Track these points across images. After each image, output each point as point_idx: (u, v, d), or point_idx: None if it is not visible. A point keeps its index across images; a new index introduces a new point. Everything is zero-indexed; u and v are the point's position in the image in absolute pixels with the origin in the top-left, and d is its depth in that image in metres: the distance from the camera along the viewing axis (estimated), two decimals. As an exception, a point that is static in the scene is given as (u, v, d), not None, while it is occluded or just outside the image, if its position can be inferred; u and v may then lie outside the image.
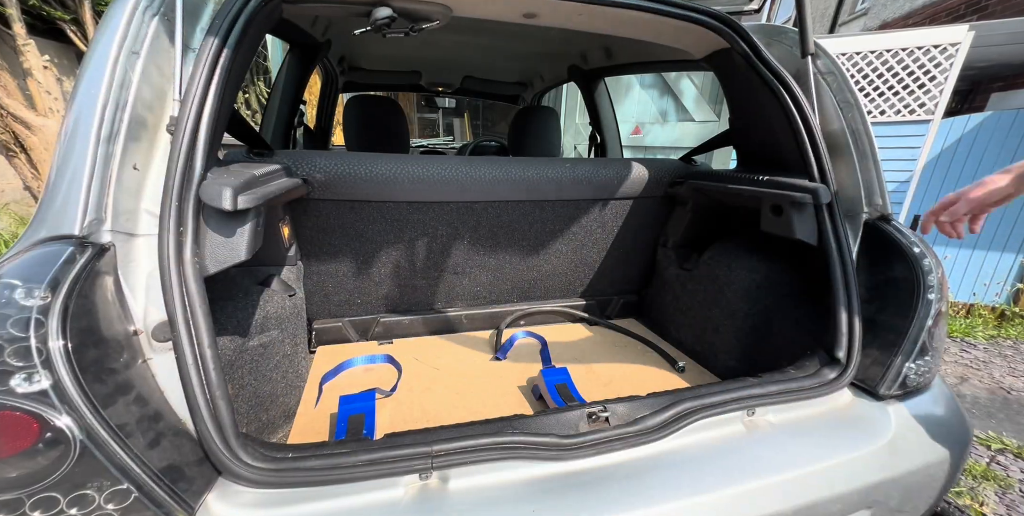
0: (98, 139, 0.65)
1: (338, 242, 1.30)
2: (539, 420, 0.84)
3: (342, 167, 1.18)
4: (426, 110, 10.77)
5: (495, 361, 1.42)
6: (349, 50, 2.22)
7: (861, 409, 0.94)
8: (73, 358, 0.54)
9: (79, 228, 0.63)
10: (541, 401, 1.18)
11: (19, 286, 0.55)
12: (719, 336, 1.35)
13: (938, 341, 0.94)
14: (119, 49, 0.68)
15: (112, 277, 0.64)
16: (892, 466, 0.84)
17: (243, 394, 0.93)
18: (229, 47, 0.74)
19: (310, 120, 2.61)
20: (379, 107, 1.77)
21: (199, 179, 0.70)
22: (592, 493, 0.72)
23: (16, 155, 4.12)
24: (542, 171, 1.36)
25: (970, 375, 2.70)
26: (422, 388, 1.25)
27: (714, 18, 1.10)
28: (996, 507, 1.66)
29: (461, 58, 2.35)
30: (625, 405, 0.88)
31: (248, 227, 0.76)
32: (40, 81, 4.03)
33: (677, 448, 0.82)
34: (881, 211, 1.02)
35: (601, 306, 1.76)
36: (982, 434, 2.08)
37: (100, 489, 0.56)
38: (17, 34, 3.88)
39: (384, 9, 0.97)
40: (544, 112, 2.03)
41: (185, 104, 0.70)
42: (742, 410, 0.88)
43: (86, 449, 0.55)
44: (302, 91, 1.86)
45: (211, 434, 0.66)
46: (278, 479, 0.68)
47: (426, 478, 0.73)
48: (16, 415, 0.52)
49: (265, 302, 1.05)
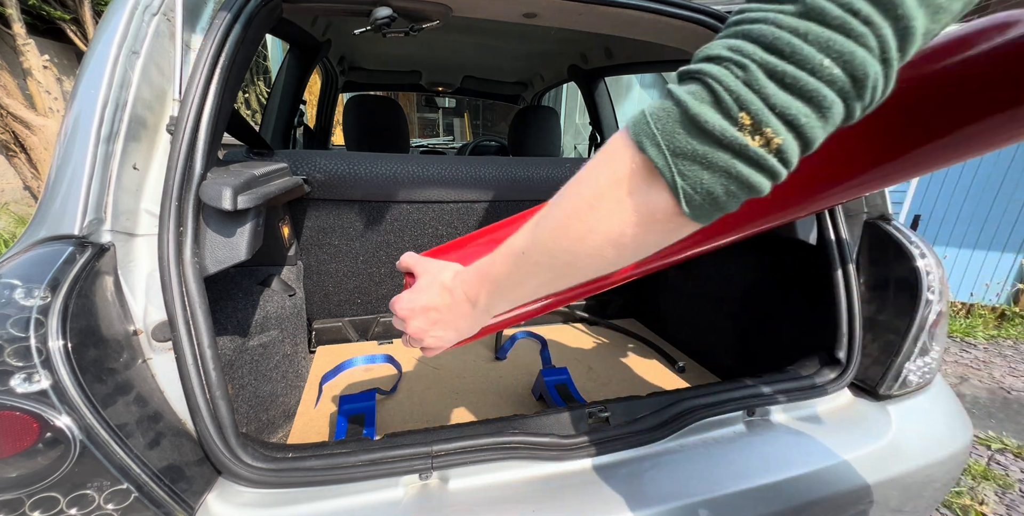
0: (98, 139, 0.65)
1: (338, 242, 1.30)
2: (539, 420, 0.84)
3: (342, 167, 1.18)
4: (426, 110, 10.77)
5: (495, 361, 1.42)
6: (349, 50, 2.22)
7: (861, 409, 0.94)
8: (73, 358, 0.54)
9: (79, 228, 0.63)
10: (541, 401, 1.18)
11: (19, 286, 0.55)
12: (719, 336, 1.35)
13: (938, 341, 0.94)
14: (119, 49, 0.68)
15: (112, 277, 0.64)
16: (892, 466, 0.84)
17: (243, 394, 0.93)
18: (229, 47, 0.74)
19: (310, 120, 2.61)
20: (379, 107, 1.77)
21: (199, 179, 0.70)
22: (592, 493, 0.72)
23: (16, 155, 4.12)
24: (542, 171, 1.36)
25: (970, 375, 2.70)
26: (422, 388, 1.25)
27: (715, 18, 1.10)
28: (996, 507, 1.66)
29: (461, 58, 2.35)
30: (625, 405, 0.88)
31: (248, 227, 0.76)
32: (40, 81, 4.03)
33: (677, 448, 0.82)
34: (881, 211, 1.02)
35: (601, 306, 1.76)
36: (982, 434, 2.08)
37: (100, 489, 0.56)
38: (17, 34, 3.89)
39: (384, 9, 0.97)
40: (544, 112, 2.03)
41: (185, 104, 0.70)
42: (742, 410, 0.88)
43: (86, 449, 0.55)
44: (302, 91, 1.86)
45: (211, 434, 0.65)
46: (278, 479, 0.68)
47: (426, 478, 0.73)
48: (16, 415, 0.52)
49: (265, 302, 1.05)
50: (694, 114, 0.28)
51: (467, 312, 0.52)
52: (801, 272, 1.21)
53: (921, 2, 0.25)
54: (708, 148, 0.28)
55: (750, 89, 0.27)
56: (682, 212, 0.31)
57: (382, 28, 0.99)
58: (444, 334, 0.54)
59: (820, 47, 0.25)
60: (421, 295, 0.54)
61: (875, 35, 0.25)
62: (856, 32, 0.25)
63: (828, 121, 0.27)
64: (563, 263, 0.40)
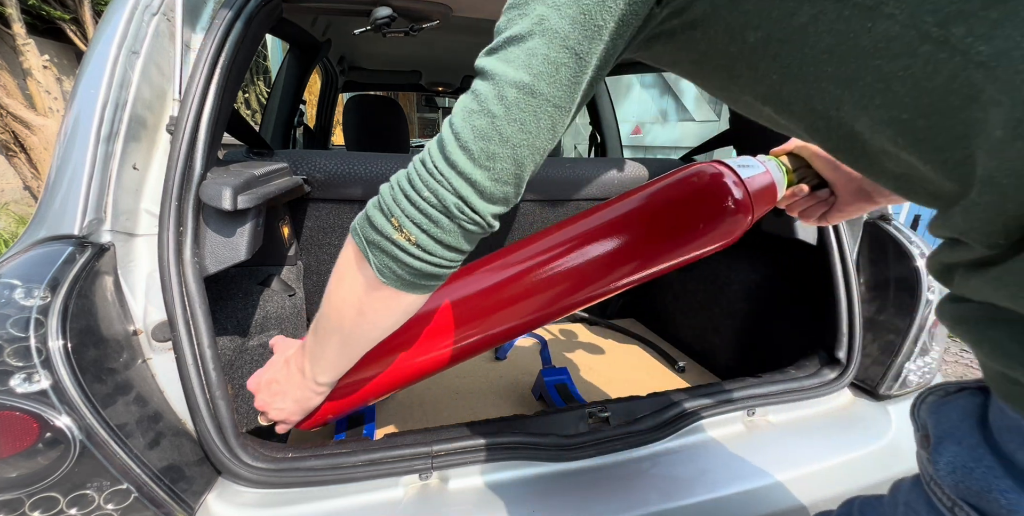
0: (98, 139, 0.65)
1: (338, 242, 1.30)
2: (539, 420, 0.84)
3: (342, 167, 1.18)
4: (426, 110, 10.77)
5: (495, 361, 1.42)
6: (349, 50, 2.22)
7: (861, 409, 0.94)
8: (73, 358, 0.54)
9: (79, 228, 0.63)
10: (541, 401, 1.18)
11: (19, 286, 0.55)
12: (719, 336, 1.35)
13: (939, 341, 0.94)
14: (119, 48, 0.68)
15: (112, 277, 0.64)
16: (892, 466, 0.84)
17: (243, 394, 0.93)
18: (229, 46, 0.74)
19: (310, 120, 2.61)
20: (379, 107, 1.77)
21: (199, 179, 0.70)
22: (592, 493, 0.72)
23: (16, 155, 4.12)
24: (542, 171, 1.36)
25: (970, 375, 2.70)
26: (422, 388, 1.25)
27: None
28: (996, 507, 1.66)
29: (461, 58, 2.35)
30: (625, 405, 0.88)
31: (248, 227, 0.76)
32: (40, 81, 4.03)
33: (677, 448, 0.82)
34: (881, 211, 1.02)
35: (601, 306, 1.76)
36: (982, 434, 2.08)
37: (100, 489, 0.56)
38: (17, 34, 3.88)
39: (384, 8, 0.97)
40: None
41: (185, 104, 0.70)
42: (742, 410, 0.88)
43: (86, 449, 0.55)
44: (302, 91, 1.86)
45: (211, 434, 0.65)
46: (278, 479, 0.68)
47: (426, 478, 0.73)
48: (16, 415, 0.52)
49: (265, 302, 1.05)
50: (370, 215, 0.43)
51: (299, 382, 0.60)
52: (801, 272, 1.21)
53: (476, 165, 0.38)
54: (379, 238, 0.42)
55: (395, 203, 0.41)
56: (384, 284, 0.44)
57: (382, 28, 0.99)
58: (284, 405, 0.61)
59: (425, 183, 0.40)
60: (268, 370, 0.63)
61: (448, 181, 0.39)
62: (436, 178, 0.39)
63: (443, 229, 0.40)
64: (335, 327, 0.52)
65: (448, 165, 0.39)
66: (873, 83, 0.29)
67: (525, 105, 0.37)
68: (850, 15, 0.29)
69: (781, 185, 0.72)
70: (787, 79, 0.34)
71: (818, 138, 0.38)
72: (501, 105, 0.37)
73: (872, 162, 0.36)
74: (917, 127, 0.29)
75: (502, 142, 0.38)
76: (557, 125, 0.39)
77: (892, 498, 0.39)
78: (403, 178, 0.41)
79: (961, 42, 0.25)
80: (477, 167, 0.38)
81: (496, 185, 0.39)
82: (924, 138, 0.29)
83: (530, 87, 0.36)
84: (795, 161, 0.75)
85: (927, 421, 0.37)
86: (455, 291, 0.67)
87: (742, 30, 0.34)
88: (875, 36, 0.28)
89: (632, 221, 0.70)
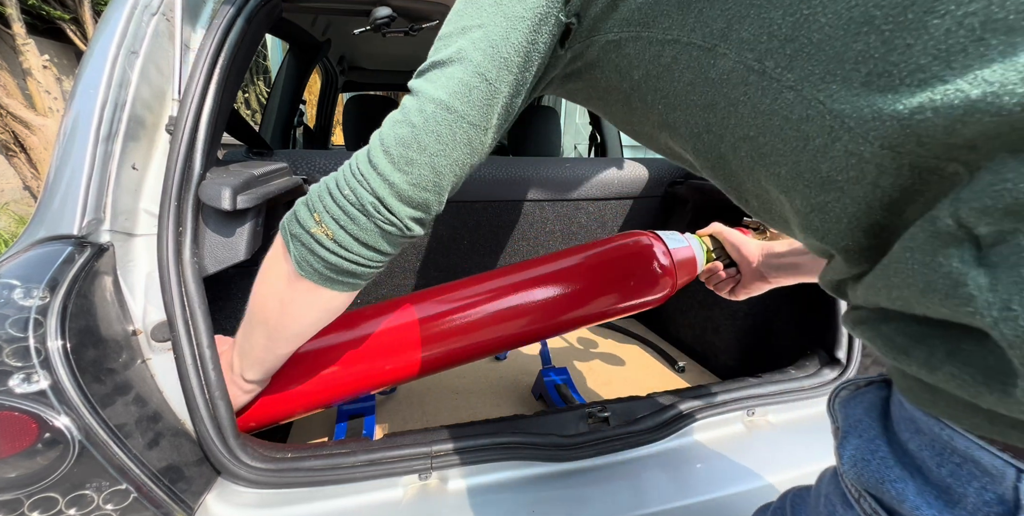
0: (97, 138, 0.65)
1: None
2: (539, 420, 0.84)
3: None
4: (426, 110, 10.72)
5: (495, 361, 1.42)
6: (349, 50, 2.22)
7: (861, 409, 0.94)
8: (72, 358, 0.54)
9: (78, 228, 0.62)
10: (541, 401, 1.18)
11: (18, 286, 0.55)
12: (719, 336, 1.35)
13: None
14: (118, 48, 0.68)
15: (111, 277, 0.64)
16: (892, 466, 0.84)
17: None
18: (228, 46, 0.74)
19: (310, 120, 2.61)
20: (379, 107, 1.77)
21: (198, 179, 0.70)
22: (592, 493, 0.72)
23: (16, 155, 4.11)
24: (542, 171, 1.36)
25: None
26: (422, 388, 1.25)
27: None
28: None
29: (461, 58, 2.35)
30: (625, 405, 0.87)
31: (248, 227, 0.76)
32: (40, 81, 4.02)
33: (677, 448, 0.82)
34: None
35: None
36: (982, 434, 2.08)
37: (99, 489, 0.56)
38: (17, 33, 3.88)
39: (384, 8, 0.97)
40: (544, 112, 2.03)
41: (184, 103, 0.70)
42: (742, 410, 0.88)
43: (85, 449, 0.54)
44: (302, 91, 1.86)
45: (210, 434, 0.65)
46: (277, 479, 0.68)
47: (426, 478, 0.72)
48: (15, 415, 0.52)
49: (265, 302, 1.05)
50: (296, 210, 0.47)
51: (227, 378, 0.66)
52: (801, 272, 1.20)
53: (395, 168, 0.42)
54: (300, 231, 0.46)
55: (319, 199, 0.45)
56: (302, 276, 0.48)
57: (382, 28, 0.99)
58: None
59: (347, 182, 0.44)
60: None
61: (367, 181, 0.43)
62: (358, 178, 0.43)
63: (360, 226, 0.44)
64: (260, 320, 0.56)
65: (370, 167, 0.43)
66: (727, 107, 0.35)
67: (442, 119, 0.41)
68: (698, 55, 0.35)
69: (701, 260, 0.86)
70: (669, 108, 0.39)
71: (700, 158, 0.41)
72: (421, 117, 0.42)
73: (739, 182, 0.40)
74: (759, 143, 0.34)
75: (420, 150, 0.42)
76: (473, 141, 0.43)
77: (816, 490, 0.41)
78: (331, 178, 0.46)
79: (773, 71, 0.31)
80: (396, 170, 0.42)
81: (414, 190, 0.43)
82: (765, 153, 0.34)
83: (446, 104, 0.41)
84: (713, 242, 0.90)
85: (838, 414, 0.39)
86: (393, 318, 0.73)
87: (628, 69, 0.40)
88: (719, 70, 0.34)
89: (574, 271, 0.80)
